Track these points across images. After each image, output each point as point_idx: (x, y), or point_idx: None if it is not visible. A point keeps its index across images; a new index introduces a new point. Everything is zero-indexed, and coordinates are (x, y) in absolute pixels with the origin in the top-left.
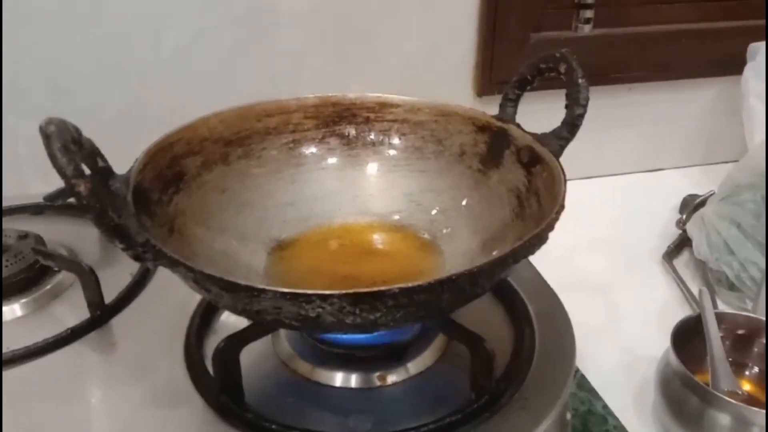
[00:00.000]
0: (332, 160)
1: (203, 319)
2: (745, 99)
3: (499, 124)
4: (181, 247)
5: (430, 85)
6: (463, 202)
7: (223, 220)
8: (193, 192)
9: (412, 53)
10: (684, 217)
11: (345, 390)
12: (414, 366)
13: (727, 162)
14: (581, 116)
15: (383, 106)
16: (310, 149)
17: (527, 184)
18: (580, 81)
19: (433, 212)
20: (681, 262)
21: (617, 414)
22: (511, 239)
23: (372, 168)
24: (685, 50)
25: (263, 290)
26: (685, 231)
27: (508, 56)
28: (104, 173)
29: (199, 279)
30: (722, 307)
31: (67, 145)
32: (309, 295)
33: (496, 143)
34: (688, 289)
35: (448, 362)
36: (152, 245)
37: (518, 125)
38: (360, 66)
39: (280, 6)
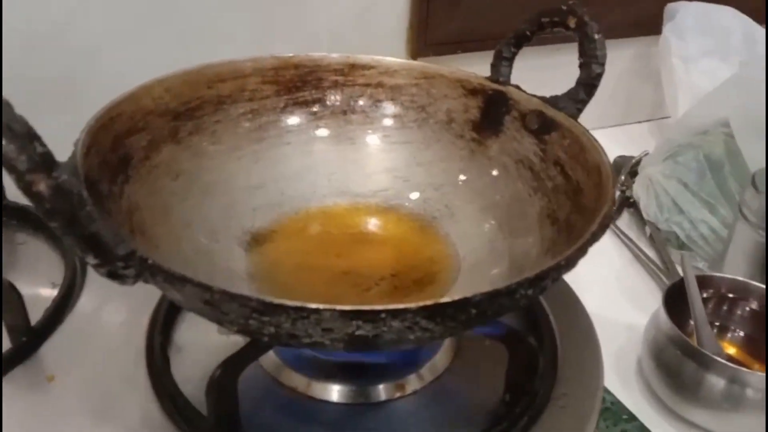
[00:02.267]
0: (298, 133)
1: (164, 334)
2: (666, 59)
3: (494, 86)
4: (148, 251)
5: (362, 48)
6: (460, 177)
7: (184, 212)
8: (144, 179)
9: (341, 14)
10: (623, 178)
11: (351, 406)
12: (428, 372)
13: (641, 122)
14: (600, 75)
15: (353, 67)
16: (272, 120)
17: (541, 154)
18: (596, 36)
19: (425, 189)
20: (623, 223)
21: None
22: (533, 216)
23: (345, 141)
24: (606, 11)
25: (315, 310)
26: (623, 192)
27: (443, 17)
28: (46, 162)
29: (217, 300)
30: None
31: (13, 125)
32: (377, 312)
33: (492, 108)
34: (641, 250)
35: (463, 364)
36: (141, 259)
37: (518, 87)
38: (283, 27)
39: None
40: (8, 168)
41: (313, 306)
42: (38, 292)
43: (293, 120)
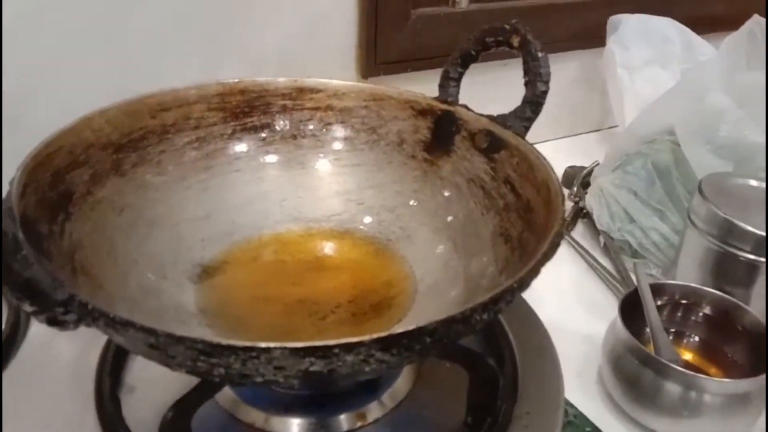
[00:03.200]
0: (247, 159)
1: (114, 375)
2: (611, 70)
3: (443, 106)
4: (92, 292)
5: (311, 68)
6: (413, 198)
7: (129, 248)
8: (86, 216)
9: (289, 34)
10: (575, 189)
11: None
12: (389, 399)
13: (590, 132)
14: (545, 93)
15: (301, 91)
16: (219, 148)
17: (492, 173)
18: (540, 54)
19: (379, 211)
20: (578, 233)
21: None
22: (487, 235)
23: (296, 166)
24: (553, 24)
25: (265, 349)
26: (576, 203)
27: (391, 35)
28: None
29: (162, 344)
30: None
31: None
32: (330, 347)
33: (442, 128)
34: (596, 260)
35: (424, 388)
36: (81, 303)
37: (466, 106)
38: (230, 48)
39: None
40: None
41: (263, 345)
42: None
43: (241, 147)
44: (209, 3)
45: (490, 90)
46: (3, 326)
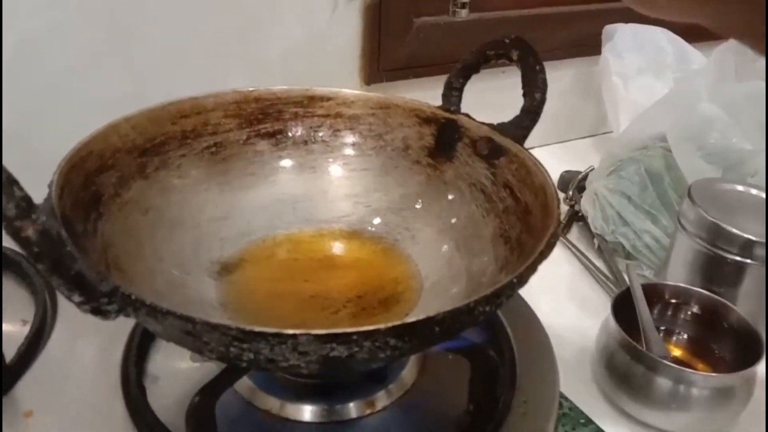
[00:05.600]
0: (261, 164)
1: (138, 365)
2: (606, 77)
3: (446, 115)
4: (126, 287)
5: (315, 76)
6: (418, 200)
7: (155, 246)
8: (115, 216)
9: (294, 44)
10: (571, 193)
11: (324, 425)
12: (397, 388)
13: (585, 137)
14: (542, 103)
15: (312, 99)
16: (235, 152)
17: (492, 178)
18: (537, 68)
19: (385, 213)
20: (573, 236)
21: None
22: (488, 237)
23: (307, 170)
24: (551, 33)
25: (292, 336)
26: (572, 207)
27: (394, 43)
28: (28, 207)
29: (198, 330)
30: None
31: None
32: (350, 334)
33: (445, 135)
34: (590, 261)
35: (429, 378)
36: (124, 294)
37: (468, 115)
38: (237, 58)
39: None
40: None
41: (290, 332)
42: (9, 329)
43: (256, 151)
44: (216, 16)
45: (489, 96)
46: (32, 320)
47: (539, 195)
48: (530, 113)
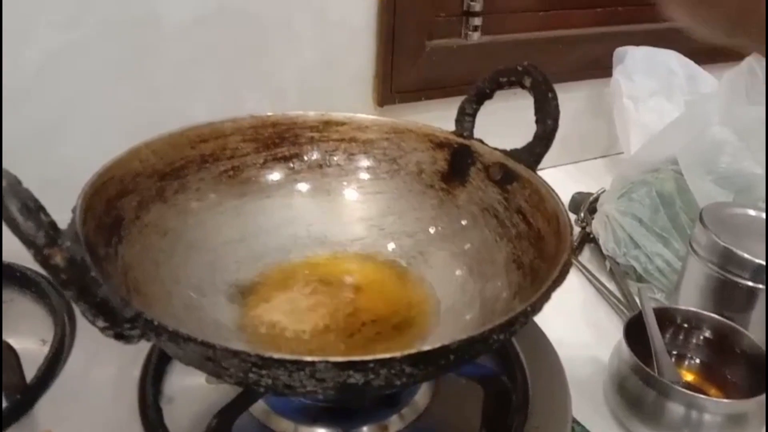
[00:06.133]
0: (277, 187)
1: (155, 386)
2: (618, 99)
3: (459, 140)
4: (148, 312)
5: (329, 97)
6: (432, 224)
7: (172, 269)
8: (135, 239)
9: (308, 65)
10: (582, 215)
11: None
12: (410, 412)
13: (596, 158)
14: (554, 130)
15: (327, 124)
16: (252, 176)
17: (505, 203)
18: (550, 95)
19: (399, 237)
20: (584, 258)
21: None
22: (501, 262)
23: (322, 193)
24: (562, 55)
25: (310, 363)
26: (584, 228)
27: (407, 65)
28: (55, 233)
29: (219, 356)
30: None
31: (28, 203)
32: (367, 362)
33: (458, 160)
34: (602, 283)
35: (441, 403)
36: (147, 320)
37: (481, 140)
38: (252, 81)
39: (162, 17)
40: (26, 244)
41: (309, 359)
42: (28, 349)
43: (272, 175)
44: (232, 39)
45: (500, 117)
46: (51, 339)
47: (552, 222)
48: (543, 140)
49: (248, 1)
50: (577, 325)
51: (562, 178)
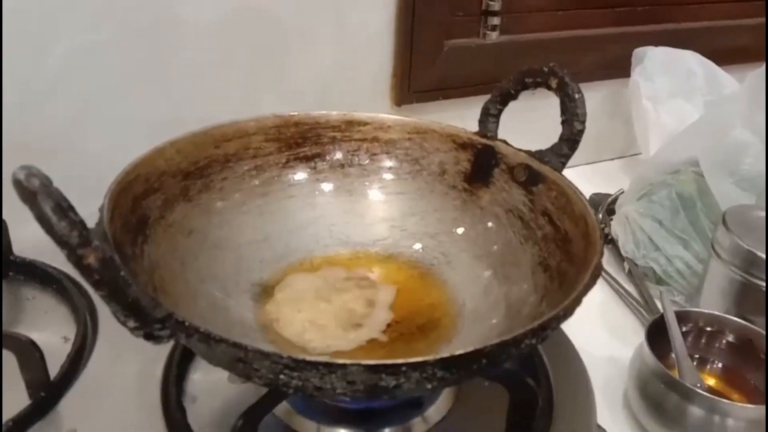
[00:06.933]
0: (300, 187)
1: (178, 385)
2: (637, 100)
3: (483, 140)
4: (178, 312)
5: (346, 97)
6: (455, 226)
7: (197, 268)
8: (160, 239)
9: (326, 66)
10: (600, 216)
11: None
12: (433, 414)
13: (614, 159)
14: (581, 132)
15: (350, 124)
16: (275, 175)
17: (530, 204)
18: (577, 96)
19: (422, 237)
20: (603, 260)
21: None
22: (526, 264)
23: (344, 193)
24: (580, 55)
25: (342, 366)
26: (602, 230)
27: (425, 65)
28: (86, 233)
29: (250, 358)
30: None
31: (61, 203)
32: (399, 366)
33: (481, 161)
34: (621, 285)
35: (465, 405)
36: (178, 321)
37: (505, 141)
38: (270, 80)
39: (182, 19)
40: (60, 244)
41: (341, 362)
42: (50, 346)
43: (295, 174)
44: (250, 38)
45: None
46: (74, 337)
47: (580, 224)
48: (569, 141)
49: (267, 2)
50: (596, 327)
51: (578, 178)
